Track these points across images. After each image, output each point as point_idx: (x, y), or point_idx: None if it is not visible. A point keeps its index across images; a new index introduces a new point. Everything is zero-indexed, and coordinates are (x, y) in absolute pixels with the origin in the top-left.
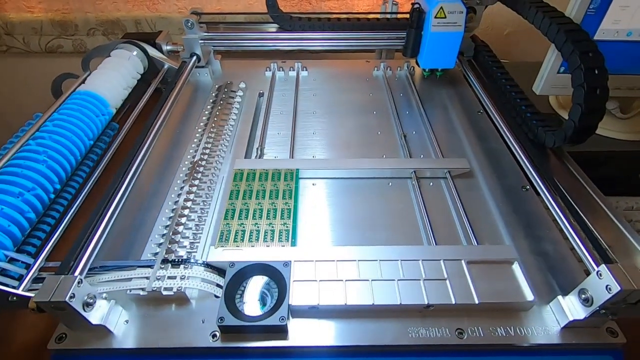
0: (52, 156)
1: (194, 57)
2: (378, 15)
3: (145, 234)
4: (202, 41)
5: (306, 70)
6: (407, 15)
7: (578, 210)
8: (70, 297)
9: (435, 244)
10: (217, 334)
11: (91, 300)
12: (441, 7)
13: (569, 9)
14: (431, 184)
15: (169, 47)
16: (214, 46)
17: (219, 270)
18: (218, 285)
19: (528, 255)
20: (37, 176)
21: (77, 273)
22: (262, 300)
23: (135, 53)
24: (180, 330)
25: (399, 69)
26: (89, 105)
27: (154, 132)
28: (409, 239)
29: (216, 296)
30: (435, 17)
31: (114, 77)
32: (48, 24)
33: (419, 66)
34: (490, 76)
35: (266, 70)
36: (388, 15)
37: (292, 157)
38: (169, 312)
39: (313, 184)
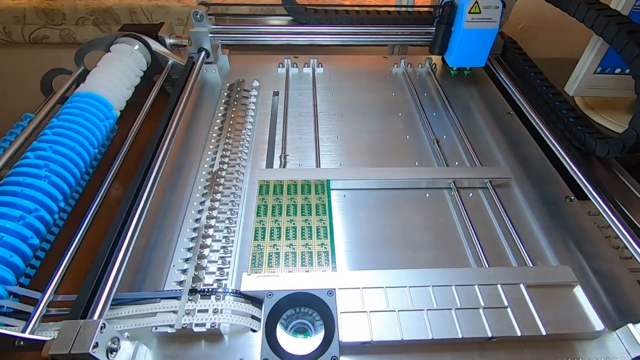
0: (54, 170)
1: (203, 53)
2: (395, 8)
3: (164, 258)
4: (212, 35)
5: (322, 66)
6: (428, 9)
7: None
8: (94, 347)
9: (488, 264)
10: None
11: (115, 346)
12: (476, 2)
13: (613, 6)
14: (471, 194)
15: (172, 41)
16: (222, 40)
17: (253, 299)
18: (254, 317)
19: (580, 274)
20: (39, 195)
21: (97, 314)
22: (299, 329)
23: (137, 47)
24: None
25: (420, 65)
26: (91, 109)
27: (168, 140)
28: (455, 258)
29: (253, 330)
30: (470, 13)
31: (117, 76)
32: (32, 12)
33: (446, 64)
34: (522, 75)
35: (279, 67)
36: (408, 9)
37: (320, 166)
38: (200, 350)
39: (344, 196)
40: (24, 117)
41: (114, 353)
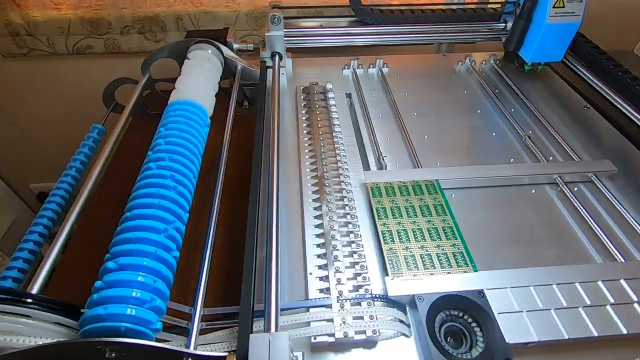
0: (178, 180)
1: (276, 57)
2: (447, 6)
3: (295, 267)
4: (287, 38)
5: (387, 66)
6: (493, 5)
7: None
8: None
9: (624, 258)
10: None
11: (293, 356)
12: None
13: None
14: (575, 189)
15: (237, 46)
16: (291, 44)
17: (396, 303)
18: (401, 321)
19: None
20: (173, 206)
21: (272, 326)
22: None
23: (210, 52)
24: None
25: (483, 62)
26: (193, 117)
27: (276, 147)
28: (578, 253)
29: (405, 335)
30: (554, 7)
31: (204, 83)
32: (77, 23)
33: (512, 59)
34: (599, 68)
35: (344, 68)
36: (459, 6)
37: (420, 166)
38: (357, 358)
39: (452, 195)
40: (92, 128)
41: None
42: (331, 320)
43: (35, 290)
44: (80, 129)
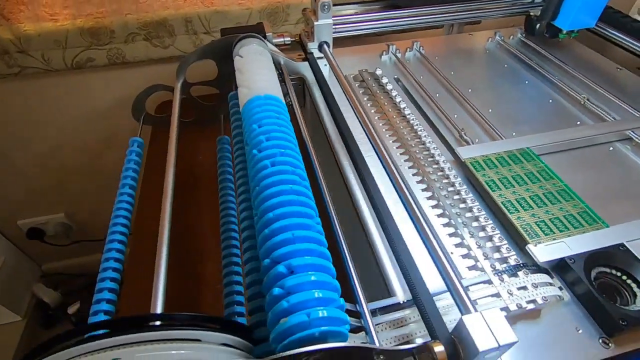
0: (300, 174)
1: (325, 46)
2: None
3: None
4: (335, 27)
5: (423, 49)
6: None
7: None
8: None
9: None
10: (607, 339)
11: None
12: None
13: None
14: None
15: (275, 40)
16: (338, 32)
17: (542, 269)
18: (550, 285)
19: None
20: (308, 201)
21: (469, 304)
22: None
23: (255, 45)
24: (563, 347)
25: (511, 37)
26: (280, 110)
27: (374, 134)
28: None
29: (560, 297)
30: None
31: (271, 77)
32: (75, 34)
33: (553, 30)
34: (631, 30)
35: (383, 54)
36: None
37: (502, 138)
38: (527, 329)
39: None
40: (132, 141)
41: None
42: (496, 294)
43: (158, 311)
44: (80, 153)
